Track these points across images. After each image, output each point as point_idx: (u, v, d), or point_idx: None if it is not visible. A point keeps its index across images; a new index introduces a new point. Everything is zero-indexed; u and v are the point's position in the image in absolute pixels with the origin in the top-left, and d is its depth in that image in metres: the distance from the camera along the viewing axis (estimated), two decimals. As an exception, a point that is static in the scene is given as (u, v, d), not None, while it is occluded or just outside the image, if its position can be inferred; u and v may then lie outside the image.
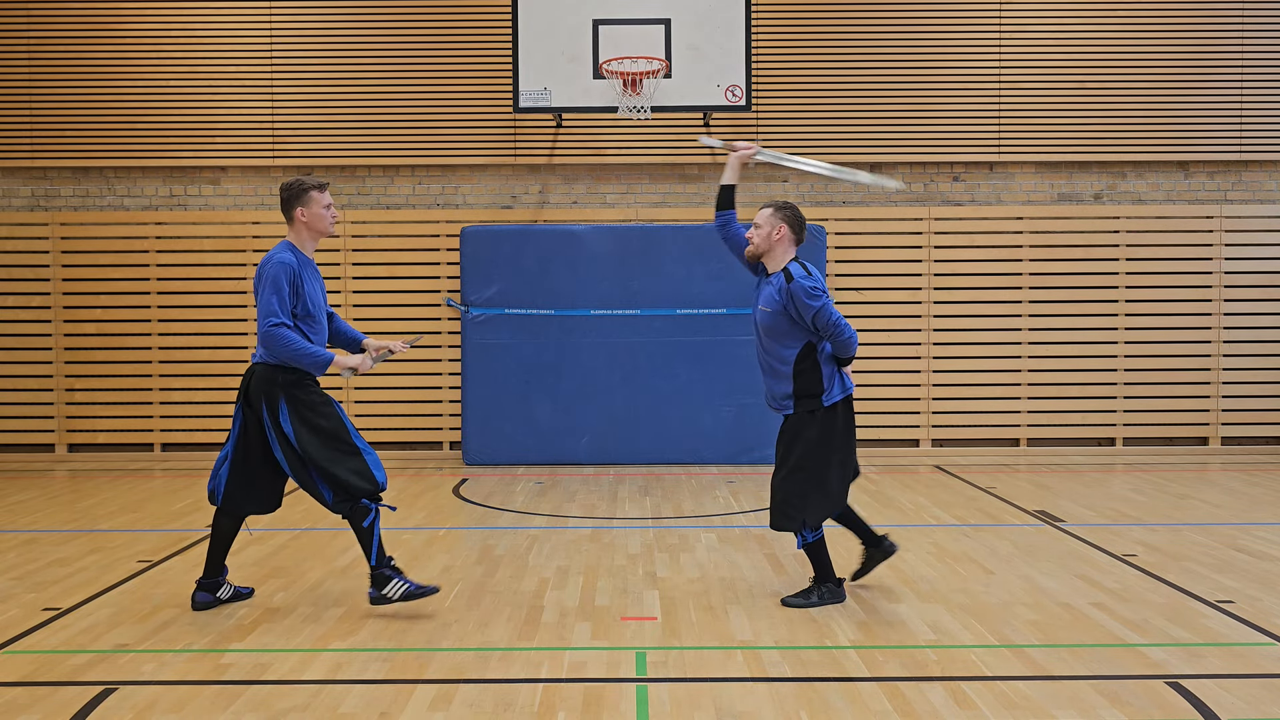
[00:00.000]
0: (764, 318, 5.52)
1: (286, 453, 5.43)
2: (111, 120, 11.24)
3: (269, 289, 5.36)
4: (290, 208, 5.55)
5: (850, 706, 4.25)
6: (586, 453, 10.81)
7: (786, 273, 5.45)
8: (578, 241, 10.81)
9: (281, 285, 5.37)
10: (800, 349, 5.48)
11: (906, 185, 5.86)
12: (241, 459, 5.54)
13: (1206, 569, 6.41)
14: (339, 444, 5.42)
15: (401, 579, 5.48)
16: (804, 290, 5.36)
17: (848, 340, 5.44)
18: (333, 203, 5.67)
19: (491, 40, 11.09)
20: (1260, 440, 11.38)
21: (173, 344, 11.21)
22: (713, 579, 6.24)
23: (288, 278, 5.39)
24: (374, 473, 5.44)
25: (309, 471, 5.42)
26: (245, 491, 5.59)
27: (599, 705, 4.27)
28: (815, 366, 5.49)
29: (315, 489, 5.46)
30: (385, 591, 5.45)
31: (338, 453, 5.40)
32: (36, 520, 8.16)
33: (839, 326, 5.40)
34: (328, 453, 5.38)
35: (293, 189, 5.55)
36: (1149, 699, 4.31)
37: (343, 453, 5.41)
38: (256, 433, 5.51)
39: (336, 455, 5.39)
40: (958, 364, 11.29)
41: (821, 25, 11.26)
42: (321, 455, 5.37)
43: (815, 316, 5.38)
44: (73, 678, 4.63)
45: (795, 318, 5.43)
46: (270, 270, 5.39)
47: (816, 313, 5.37)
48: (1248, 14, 11.25)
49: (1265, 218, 11.32)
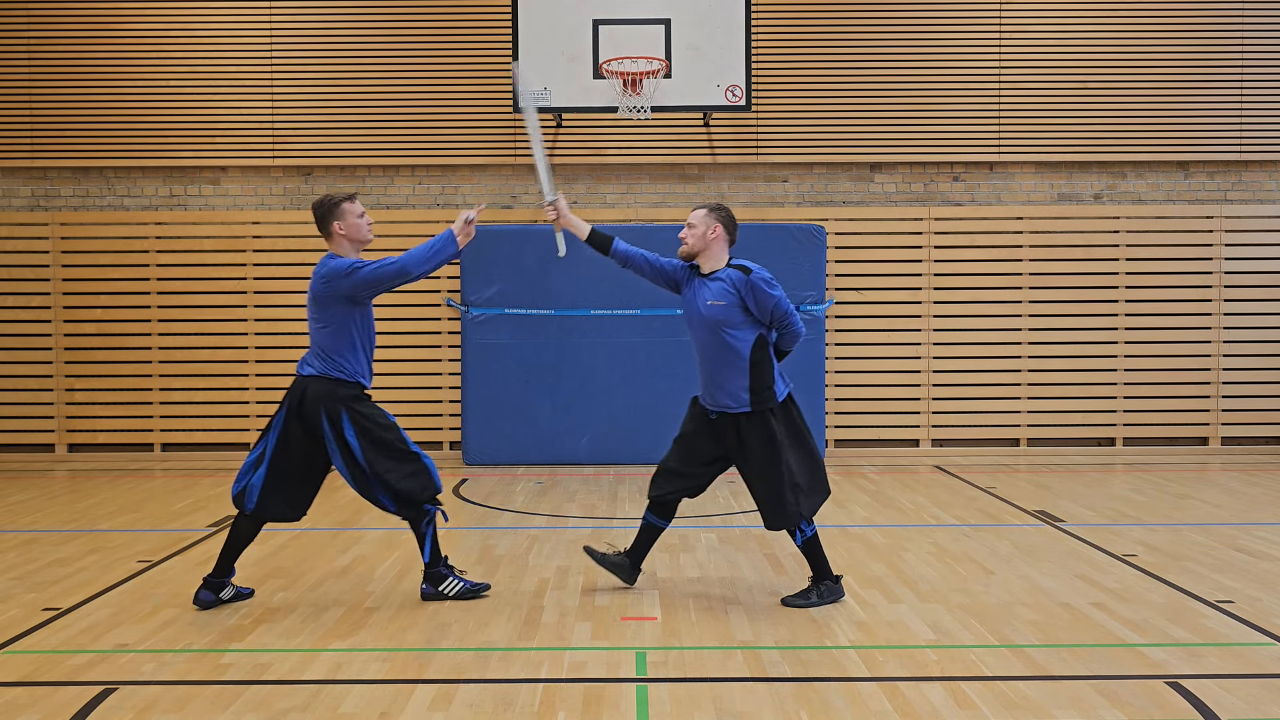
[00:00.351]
0: (715, 312, 5.58)
1: (349, 465, 5.55)
2: (111, 120, 11.25)
3: (350, 265, 5.48)
4: (326, 224, 5.62)
5: (850, 706, 4.25)
6: (586, 453, 10.81)
7: (742, 267, 5.59)
8: (578, 241, 10.77)
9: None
10: (754, 341, 5.60)
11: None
12: (279, 466, 5.59)
13: (1206, 569, 6.41)
14: (399, 454, 5.56)
15: (456, 577, 5.78)
16: (764, 281, 5.53)
17: (799, 330, 5.68)
18: (365, 210, 5.75)
19: (491, 40, 11.09)
20: (1260, 440, 11.38)
21: (173, 344, 11.21)
22: (713, 579, 6.24)
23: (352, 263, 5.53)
24: (433, 478, 5.63)
25: (370, 482, 5.54)
26: (276, 498, 5.64)
27: (599, 705, 4.27)
28: (768, 358, 5.64)
29: (377, 499, 5.59)
30: (441, 588, 5.73)
31: (398, 462, 5.55)
32: (36, 520, 8.17)
33: (793, 315, 5.62)
34: (389, 463, 5.53)
35: (324, 205, 5.62)
36: (1149, 699, 4.31)
37: (403, 462, 5.56)
38: (301, 443, 5.57)
39: (397, 465, 5.54)
40: (958, 364, 11.29)
41: (821, 25, 11.27)
42: (383, 466, 5.51)
43: (775, 306, 5.55)
44: (73, 678, 4.63)
45: (751, 309, 5.56)
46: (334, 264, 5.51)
47: (776, 303, 5.55)
48: (1248, 14, 11.25)
49: (1265, 218, 11.33)
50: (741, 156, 11.23)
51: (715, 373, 5.63)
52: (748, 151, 11.23)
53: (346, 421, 5.49)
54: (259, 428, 11.23)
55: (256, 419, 11.23)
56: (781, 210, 11.23)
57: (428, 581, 5.78)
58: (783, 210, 11.23)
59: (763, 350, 5.60)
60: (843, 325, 11.21)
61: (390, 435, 5.57)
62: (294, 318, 11.24)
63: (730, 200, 11.23)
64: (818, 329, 10.77)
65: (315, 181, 11.30)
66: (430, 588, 5.77)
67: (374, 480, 5.53)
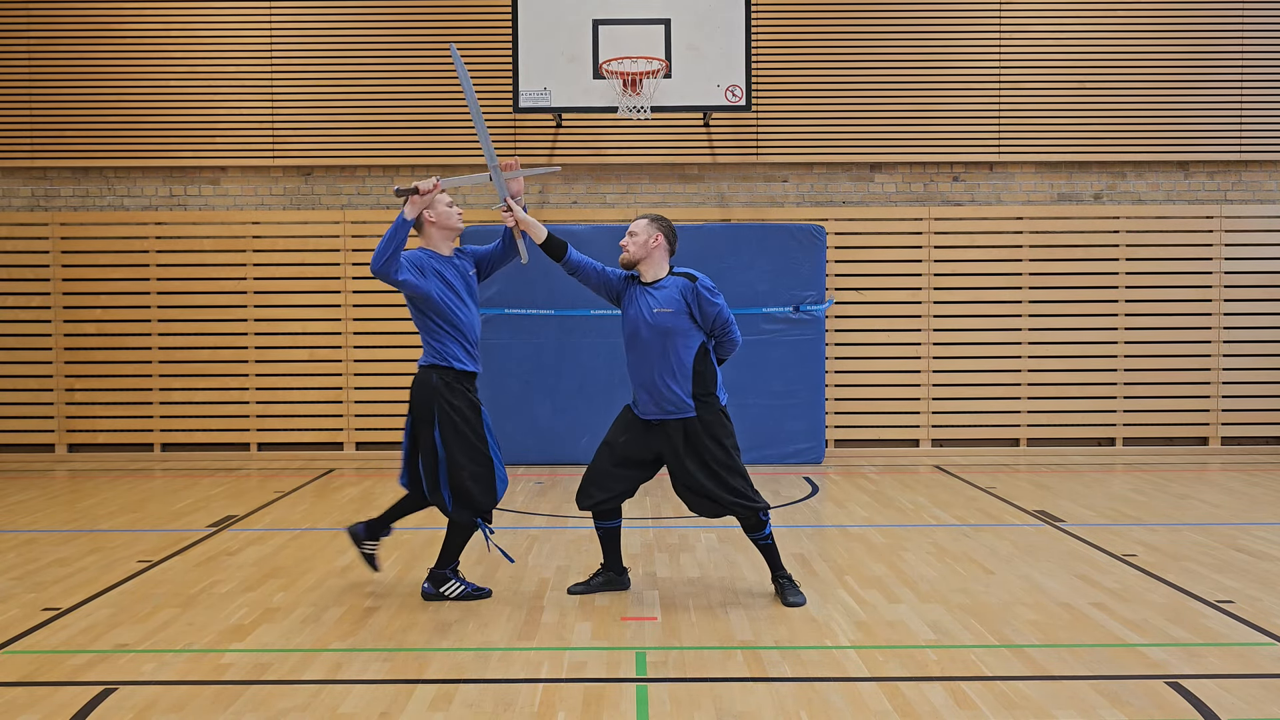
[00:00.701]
0: (664, 320, 5.62)
1: (427, 454, 5.63)
2: (111, 120, 11.25)
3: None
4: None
5: (850, 706, 4.25)
6: (586, 453, 10.67)
7: (687, 274, 5.68)
8: (578, 242, 10.71)
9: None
10: (698, 349, 5.67)
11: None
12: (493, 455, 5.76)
13: (1206, 569, 6.41)
14: (476, 454, 5.63)
15: (460, 580, 5.85)
16: (708, 289, 5.63)
17: (736, 340, 5.79)
18: (453, 199, 5.86)
19: (491, 40, 11.09)
20: (1260, 440, 11.38)
21: (173, 344, 11.22)
22: (713, 579, 6.24)
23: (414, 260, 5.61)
24: (496, 488, 5.69)
25: (440, 473, 5.61)
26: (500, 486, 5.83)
27: (599, 705, 4.27)
28: (711, 366, 5.73)
29: (439, 493, 5.65)
30: (443, 589, 5.79)
31: (472, 463, 5.61)
32: (36, 520, 8.17)
33: (732, 325, 5.74)
34: (463, 459, 5.60)
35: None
36: (1149, 699, 4.31)
37: (477, 464, 5.63)
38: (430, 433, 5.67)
39: (469, 464, 5.60)
40: (958, 364, 11.29)
41: (821, 25, 11.27)
42: (456, 461, 5.59)
43: (717, 315, 5.65)
44: (72, 678, 4.63)
45: (696, 317, 5.63)
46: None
47: (719, 311, 5.65)
48: (1248, 14, 11.25)
49: (1265, 218, 11.33)
50: (741, 156, 11.23)
51: (657, 380, 5.64)
52: (748, 151, 11.23)
53: (437, 412, 5.60)
54: (259, 427, 11.24)
55: (256, 419, 11.23)
56: (781, 210, 11.23)
57: (430, 581, 5.81)
58: (783, 210, 11.23)
59: (705, 359, 5.70)
60: (843, 325, 11.21)
61: (475, 433, 5.64)
62: (294, 318, 11.25)
63: (730, 200, 11.24)
64: (818, 329, 10.77)
65: (315, 181, 11.30)
66: (431, 588, 5.80)
67: (443, 472, 5.59)
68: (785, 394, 10.76)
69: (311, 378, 11.24)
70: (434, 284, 5.62)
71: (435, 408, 5.59)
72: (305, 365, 11.24)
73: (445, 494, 5.63)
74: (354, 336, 11.22)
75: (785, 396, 10.76)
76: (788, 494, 9.10)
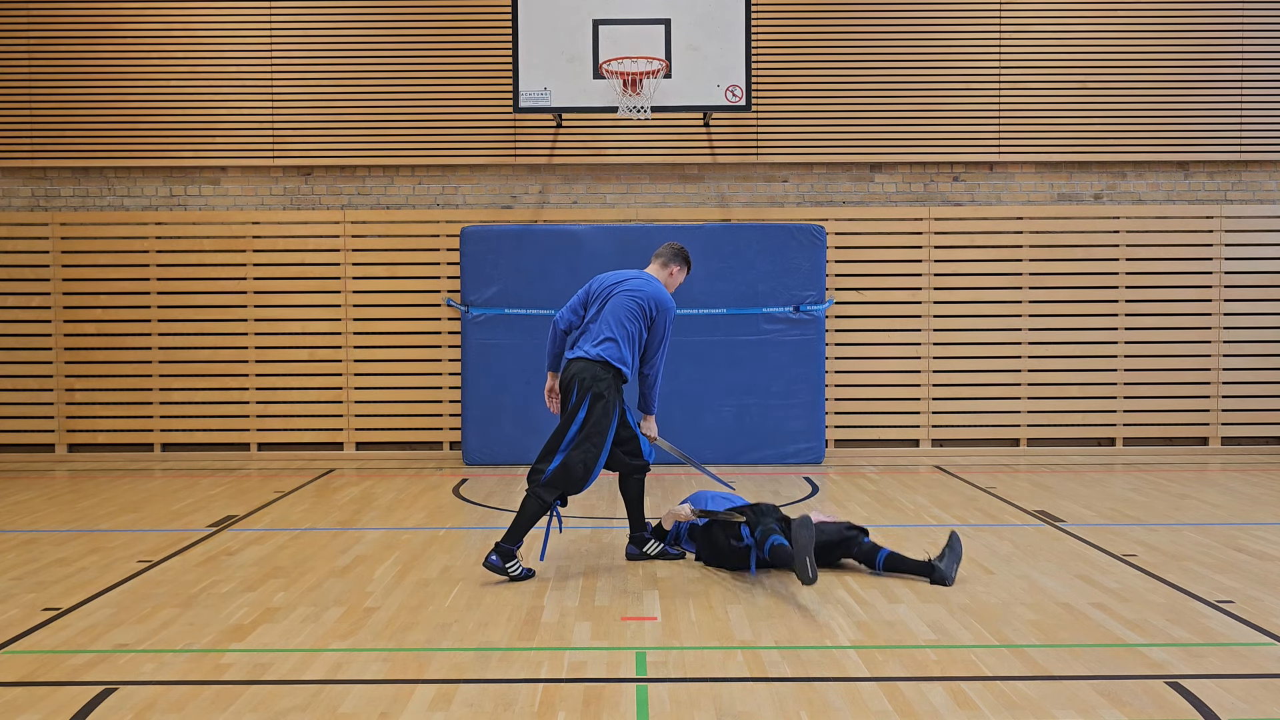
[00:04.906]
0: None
1: (565, 423, 6.17)
2: (111, 120, 11.25)
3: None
4: (675, 263, 6.75)
5: (850, 706, 4.25)
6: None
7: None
8: (578, 241, 10.81)
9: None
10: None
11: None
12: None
13: (1206, 569, 6.41)
14: (599, 446, 6.15)
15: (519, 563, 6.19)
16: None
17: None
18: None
19: (491, 40, 11.09)
20: (1260, 440, 11.38)
21: (173, 344, 11.22)
22: (713, 579, 6.24)
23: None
24: (589, 480, 6.16)
25: (565, 442, 6.12)
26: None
27: (599, 705, 4.27)
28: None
29: (549, 458, 6.14)
30: (508, 565, 6.14)
31: (593, 448, 6.13)
32: (36, 520, 8.17)
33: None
34: (589, 444, 6.12)
35: (685, 256, 6.80)
36: (1149, 699, 4.31)
37: (592, 453, 6.13)
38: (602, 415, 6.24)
39: (590, 449, 6.12)
40: (958, 364, 11.29)
41: (821, 25, 11.27)
42: (584, 442, 6.11)
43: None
44: (72, 678, 4.63)
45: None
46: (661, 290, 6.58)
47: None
48: (1248, 14, 11.25)
49: (1265, 218, 11.33)
50: (741, 156, 11.23)
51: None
52: (748, 151, 11.23)
53: (590, 393, 6.20)
54: (259, 427, 11.24)
55: (256, 419, 11.23)
56: (781, 210, 11.23)
57: (498, 554, 6.12)
58: (783, 210, 11.23)
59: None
60: (843, 325, 11.21)
61: (606, 420, 6.15)
62: (294, 317, 11.25)
63: (730, 200, 11.24)
64: (818, 329, 10.78)
65: (315, 181, 11.30)
66: (499, 561, 6.12)
67: (567, 442, 6.12)
68: (785, 394, 10.76)
69: (311, 378, 11.24)
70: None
71: (604, 392, 6.16)
72: (305, 365, 11.24)
73: (554, 463, 6.08)
74: (354, 336, 11.22)
75: (785, 396, 10.76)
76: (788, 494, 9.10)
